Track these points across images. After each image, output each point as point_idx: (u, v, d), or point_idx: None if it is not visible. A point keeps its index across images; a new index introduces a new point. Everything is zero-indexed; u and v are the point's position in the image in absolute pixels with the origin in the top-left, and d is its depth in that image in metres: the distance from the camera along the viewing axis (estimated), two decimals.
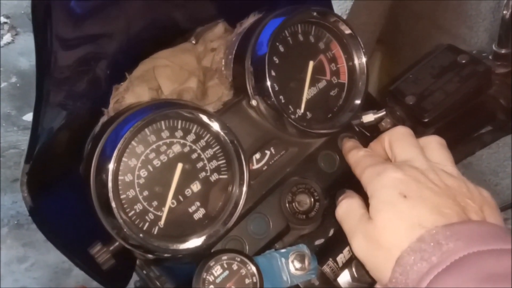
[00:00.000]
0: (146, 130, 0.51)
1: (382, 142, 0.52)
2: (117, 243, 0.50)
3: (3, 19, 2.79)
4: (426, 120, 0.60)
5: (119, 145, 0.48)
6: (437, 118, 0.60)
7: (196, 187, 0.53)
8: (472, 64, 0.61)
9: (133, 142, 0.50)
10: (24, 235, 1.97)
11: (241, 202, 0.53)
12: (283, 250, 0.52)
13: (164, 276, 0.66)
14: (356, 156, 0.53)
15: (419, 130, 0.63)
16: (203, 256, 0.48)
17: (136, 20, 0.67)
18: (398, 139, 0.50)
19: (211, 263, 0.46)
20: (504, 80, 0.62)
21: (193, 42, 0.69)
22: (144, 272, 0.74)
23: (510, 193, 1.70)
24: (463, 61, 0.61)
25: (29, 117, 2.31)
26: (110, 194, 0.48)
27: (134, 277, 0.79)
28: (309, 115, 0.61)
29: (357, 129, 0.64)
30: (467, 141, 0.65)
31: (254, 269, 0.47)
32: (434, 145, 0.50)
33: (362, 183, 0.48)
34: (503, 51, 0.60)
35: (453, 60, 0.62)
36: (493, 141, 0.66)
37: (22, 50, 2.66)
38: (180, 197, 0.53)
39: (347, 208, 0.48)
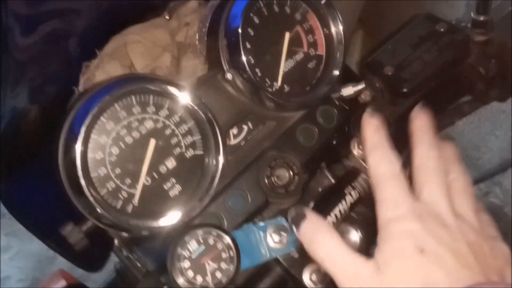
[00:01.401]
0: (116, 105, 0.49)
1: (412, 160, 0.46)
2: (90, 223, 0.49)
3: None
4: (405, 90, 0.59)
5: (86, 121, 0.46)
6: (416, 89, 0.59)
7: (171, 163, 0.52)
8: (450, 33, 0.60)
9: (102, 118, 0.48)
10: (6, 225, 1.94)
11: (217, 177, 0.52)
12: (261, 224, 0.51)
13: (145, 257, 0.65)
14: (377, 165, 0.45)
15: (399, 101, 0.63)
16: (180, 233, 0.47)
17: None
18: (427, 173, 0.45)
19: (186, 238, 0.45)
20: (483, 49, 0.61)
21: (167, 17, 0.67)
22: (124, 253, 0.72)
23: (491, 167, 1.72)
24: (442, 30, 0.60)
25: None
26: (79, 173, 0.46)
27: (115, 260, 0.78)
28: (286, 88, 0.59)
29: (337, 103, 0.63)
30: (447, 112, 0.65)
31: (230, 242, 0.46)
32: (461, 186, 0.45)
33: (376, 206, 0.43)
34: (481, 18, 0.59)
35: (432, 29, 0.61)
36: (471, 111, 0.66)
37: None
38: (155, 174, 0.51)
39: (332, 249, 0.42)
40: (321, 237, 0.43)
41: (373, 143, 0.47)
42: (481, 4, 0.58)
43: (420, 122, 0.49)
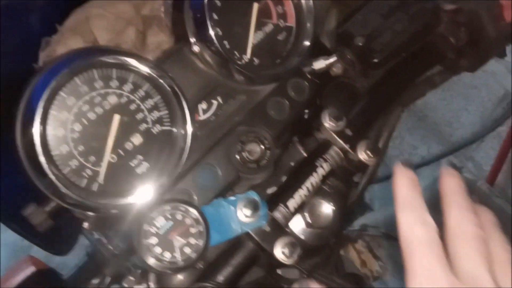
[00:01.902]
0: (76, 79, 0.47)
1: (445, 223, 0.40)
2: (53, 203, 0.47)
3: None
4: (375, 60, 0.58)
5: (44, 97, 0.44)
6: (387, 59, 0.59)
7: (137, 140, 0.50)
8: (420, 2, 0.59)
9: (61, 93, 0.46)
10: None
11: (186, 152, 0.51)
12: (231, 198, 0.50)
13: (114, 238, 0.63)
14: (411, 227, 0.39)
15: (370, 73, 0.62)
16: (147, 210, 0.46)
17: None
18: (465, 240, 0.39)
19: (153, 215, 0.44)
20: (453, 17, 0.61)
21: None
22: (95, 236, 0.71)
23: (464, 142, 1.75)
24: None
25: None
26: (39, 150, 0.44)
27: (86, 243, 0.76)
28: (256, 61, 0.58)
29: (308, 76, 0.62)
30: (418, 82, 0.64)
31: (199, 217, 0.45)
32: (504, 258, 0.40)
33: (406, 275, 0.38)
34: None
35: None
36: (442, 82, 0.66)
37: None
38: (121, 151, 0.49)
39: None
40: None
41: (407, 200, 0.40)
42: None
43: (452, 183, 0.42)
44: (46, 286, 0.62)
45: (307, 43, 0.59)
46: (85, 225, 0.62)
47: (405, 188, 0.41)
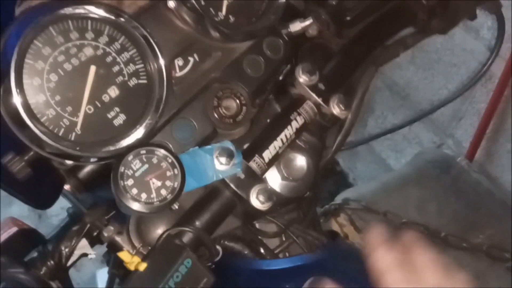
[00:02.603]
0: (52, 29, 0.47)
1: None
2: (31, 152, 0.48)
3: None
4: (348, 18, 0.59)
5: (19, 43, 0.44)
6: (359, 17, 0.60)
7: (113, 92, 0.51)
8: None
9: (37, 43, 0.47)
10: None
11: (162, 105, 0.52)
12: (207, 147, 0.51)
13: (96, 200, 0.65)
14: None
15: (344, 33, 0.64)
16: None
17: None
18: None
19: (129, 157, 0.45)
20: None
21: None
22: (76, 198, 0.72)
23: (444, 119, 1.78)
24: None
25: None
26: (16, 98, 0.44)
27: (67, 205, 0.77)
28: (231, 18, 0.59)
29: (285, 37, 0.63)
30: (391, 43, 0.66)
31: (174, 160, 0.46)
32: (427, 264, 0.48)
33: None
34: None
35: None
36: (414, 43, 0.68)
37: None
38: (97, 103, 0.50)
39: None
40: None
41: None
42: None
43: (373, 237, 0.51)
44: (29, 243, 0.63)
45: (282, 0, 0.60)
46: (67, 186, 0.63)
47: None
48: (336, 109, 0.56)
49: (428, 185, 1.48)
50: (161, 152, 0.46)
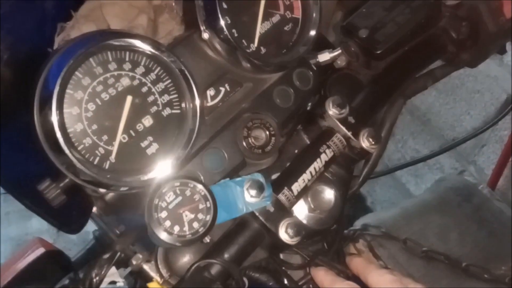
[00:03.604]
0: (92, 60, 0.49)
1: None
2: (67, 179, 0.49)
3: None
4: (378, 52, 0.60)
5: (61, 75, 0.46)
6: (389, 50, 0.60)
7: (148, 121, 0.52)
8: None
9: (77, 73, 0.48)
10: None
11: (194, 136, 0.52)
12: (238, 179, 0.52)
13: (123, 223, 0.65)
14: None
15: (373, 65, 0.64)
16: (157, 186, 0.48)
17: None
18: None
19: (163, 190, 0.46)
20: (454, 12, 0.63)
21: None
22: (103, 221, 0.73)
23: (466, 146, 1.76)
24: None
25: None
26: (56, 127, 0.46)
27: (93, 227, 0.78)
28: (263, 50, 0.60)
29: (313, 66, 0.64)
30: (420, 75, 0.66)
31: (207, 193, 0.46)
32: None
33: None
34: None
35: None
36: (444, 76, 0.68)
37: None
38: (132, 132, 0.51)
39: None
40: None
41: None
42: None
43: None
44: (55, 265, 0.64)
45: (312, 33, 0.61)
46: (94, 209, 0.64)
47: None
48: (365, 143, 0.56)
49: (450, 213, 1.46)
50: (195, 184, 0.47)
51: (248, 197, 0.50)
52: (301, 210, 0.57)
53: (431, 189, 1.58)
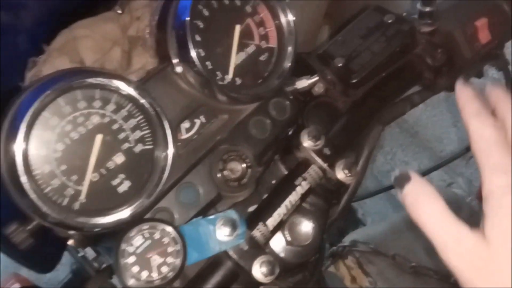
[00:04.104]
0: (60, 100, 0.48)
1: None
2: (35, 222, 0.48)
3: None
4: (354, 81, 0.60)
5: (27, 117, 0.45)
6: (365, 79, 0.60)
7: (119, 159, 0.51)
8: (397, 24, 0.61)
9: (45, 114, 0.47)
10: None
11: (167, 171, 0.52)
12: (210, 217, 0.51)
13: (101, 256, 0.64)
14: (482, 130, 0.42)
15: (350, 92, 0.64)
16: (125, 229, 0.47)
17: None
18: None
19: (131, 234, 0.45)
20: (430, 39, 0.63)
21: (119, 11, 0.66)
22: (80, 254, 0.71)
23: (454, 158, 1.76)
24: (389, 21, 0.61)
25: None
26: (20, 170, 0.45)
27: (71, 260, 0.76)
28: (238, 81, 0.59)
29: (290, 95, 0.63)
30: (398, 101, 0.66)
31: (176, 236, 0.45)
32: None
33: (482, 172, 0.41)
34: (427, 9, 0.61)
35: (380, 20, 0.62)
36: (422, 101, 0.68)
37: None
38: (103, 170, 0.50)
39: (436, 215, 0.40)
40: (425, 201, 0.41)
41: (474, 109, 0.44)
42: None
43: (499, 92, 0.47)
44: None
45: (288, 64, 0.60)
46: (70, 242, 0.63)
47: (470, 99, 0.45)
48: (341, 175, 0.55)
49: None
50: (164, 227, 0.46)
51: (221, 236, 0.49)
52: (279, 244, 0.56)
53: None
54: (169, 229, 0.46)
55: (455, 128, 1.74)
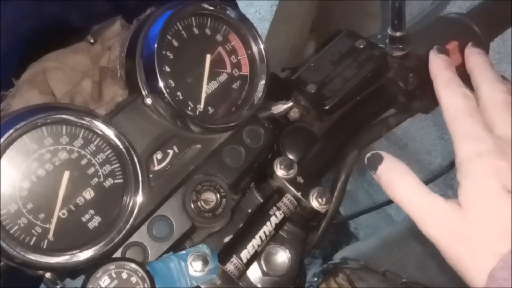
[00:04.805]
0: (25, 138, 0.47)
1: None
2: (1, 263, 0.47)
3: None
4: (327, 107, 0.59)
5: None
6: (338, 105, 0.60)
7: (89, 194, 0.50)
8: (368, 49, 0.61)
9: (9, 152, 0.46)
10: None
11: (137, 207, 0.51)
12: (181, 252, 0.50)
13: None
14: (452, 100, 0.43)
15: (325, 118, 0.63)
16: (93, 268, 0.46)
17: (22, 19, 0.63)
18: (499, 107, 0.42)
19: (97, 274, 0.44)
20: (402, 63, 0.63)
21: (91, 41, 0.65)
22: (58, 286, 0.70)
23: (443, 170, 1.76)
24: (361, 46, 0.61)
25: None
26: None
27: None
28: (210, 110, 0.59)
29: (264, 122, 0.63)
30: (373, 125, 0.66)
31: (145, 275, 0.45)
32: None
33: (454, 142, 0.41)
34: (397, 34, 0.61)
35: (351, 45, 0.62)
36: (397, 124, 0.67)
37: None
38: (72, 207, 0.49)
39: (410, 190, 0.41)
40: (399, 178, 0.43)
41: (445, 79, 0.45)
42: (396, 20, 0.59)
43: (477, 59, 0.47)
44: None
45: (259, 94, 0.60)
46: (47, 274, 0.61)
47: (442, 68, 0.46)
48: (315, 203, 0.55)
49: (428, 241, 1.45)
50: (131, 266, 0.45)
51: (192, 271, 0.48)
52: (255, 274, 0.55)
53: (407, 218, 1.58)
54: (137, 268, 0.45)
55: (442, 140, 1.74)
